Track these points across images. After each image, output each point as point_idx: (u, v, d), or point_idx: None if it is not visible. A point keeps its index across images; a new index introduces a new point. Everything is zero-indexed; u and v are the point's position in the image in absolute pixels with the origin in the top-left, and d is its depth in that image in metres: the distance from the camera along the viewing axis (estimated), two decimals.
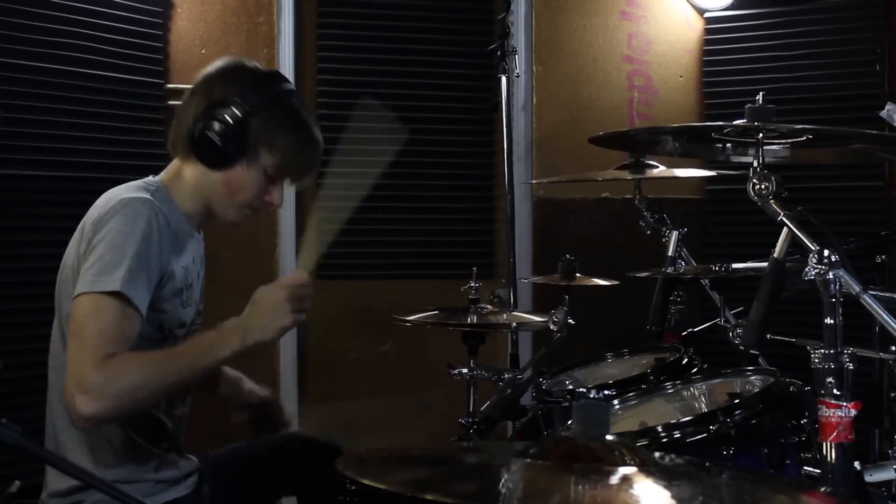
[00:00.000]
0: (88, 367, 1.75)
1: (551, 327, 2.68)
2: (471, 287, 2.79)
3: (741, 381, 2.32)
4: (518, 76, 3.72)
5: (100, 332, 1.79)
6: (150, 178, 2.05)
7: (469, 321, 2.72)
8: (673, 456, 1.61)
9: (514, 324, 3.00)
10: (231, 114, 1.92)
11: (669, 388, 2.41)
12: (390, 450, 1.72)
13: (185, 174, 2.02)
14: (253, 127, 1.94)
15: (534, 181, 3.95)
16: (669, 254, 3.05)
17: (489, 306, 2.82)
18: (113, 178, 3.34)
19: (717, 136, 2.02)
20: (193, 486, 2.13)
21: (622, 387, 2.46)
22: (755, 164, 1.87)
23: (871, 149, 2.19)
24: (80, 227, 1.97)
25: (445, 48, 4.02)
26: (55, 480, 1.98)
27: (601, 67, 4.15)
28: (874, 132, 1.98)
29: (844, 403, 1.71)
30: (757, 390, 2.16)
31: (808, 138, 1.98)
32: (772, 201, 1.82)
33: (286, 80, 2.09)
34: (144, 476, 2.00)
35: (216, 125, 1.92)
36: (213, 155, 1.95)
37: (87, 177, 3.34)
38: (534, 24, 4.07)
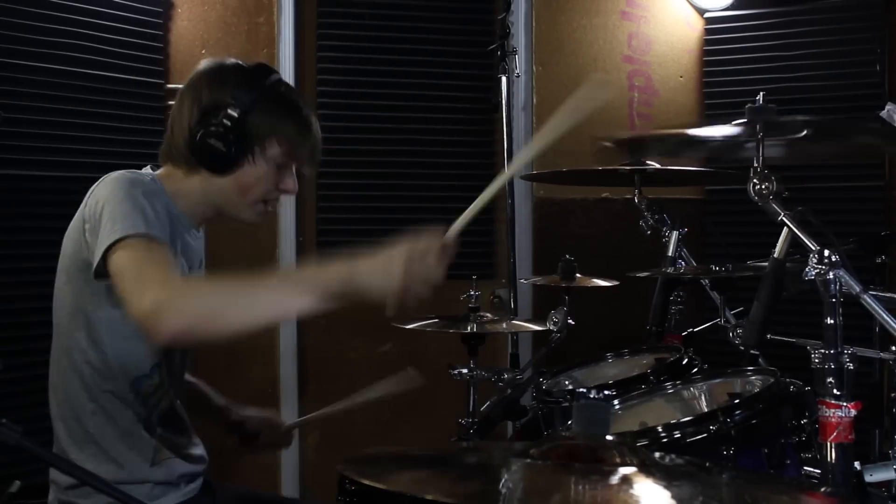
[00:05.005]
0: (155, 289, 1.66)
1: (551, 328, 2.69)
2: (470, 295, 2.78)
3: (741, 381, 2.32)
4: (518, 76, 3.72)
5: (153, 261, 1.74)
6: (147, 169, 2.04)
7: (468, 330, 2.71)
8: (673, 456, 1.62)
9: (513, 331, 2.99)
10: (228, 116, 1.92)
11: (669, 388, 2.41)
12: (390, 450, 1.72)
13: (188, 183, 2.01)
14: (252, 123, 1.94)
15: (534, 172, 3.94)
16: (669, 254, 3.04)
17: (488, 314, 2.81)
18: None
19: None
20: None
21: (622, 387, 2.45)
22: (755, 163, 1.87)
23: (877, 143, 2.18)
24: (76, 216, 1.97)
25: (445, 48, 4.01)
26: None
27: (601, 67, 4.15)
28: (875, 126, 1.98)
29: (844, 403, 1.71)
30: (757, 390, 2.16)
31: (807, 133, 1.98)
32: (772, 201, 1.83)
33: (272, 70, 2.07)
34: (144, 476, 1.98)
35: (216, 130, 1.92)
36: (220, 161, 1.95)
37: (87, 177, 3.27)
38: (534, 24, 4.07)
